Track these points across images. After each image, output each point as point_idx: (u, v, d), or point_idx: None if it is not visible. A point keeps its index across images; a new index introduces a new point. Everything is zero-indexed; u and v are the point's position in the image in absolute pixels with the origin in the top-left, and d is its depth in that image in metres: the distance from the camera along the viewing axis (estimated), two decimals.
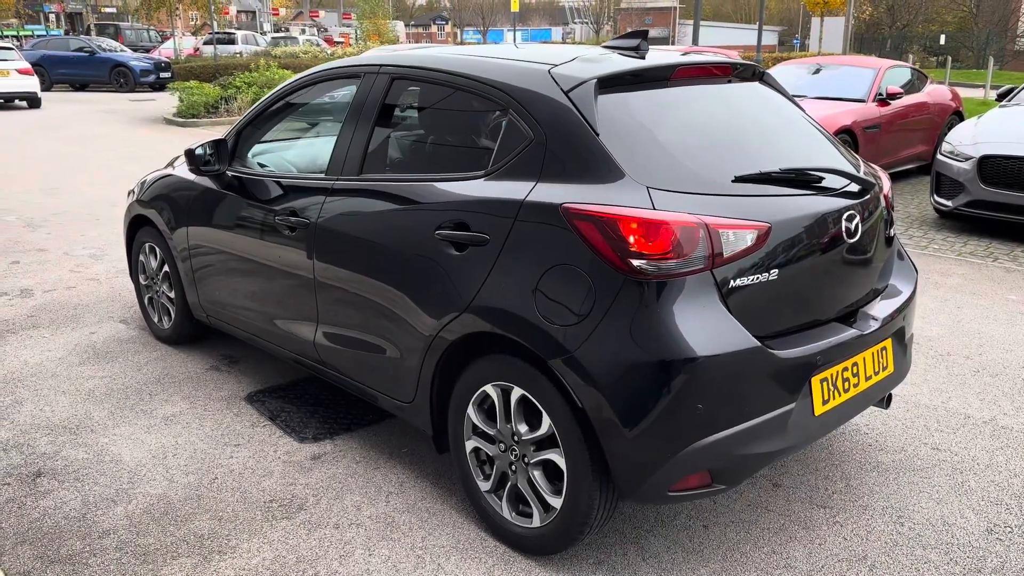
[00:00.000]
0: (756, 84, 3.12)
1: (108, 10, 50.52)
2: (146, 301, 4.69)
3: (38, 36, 32.41)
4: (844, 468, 3.27)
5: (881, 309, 2.84)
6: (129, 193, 4.65)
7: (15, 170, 10.52)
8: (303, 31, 42.40)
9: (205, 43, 31.55)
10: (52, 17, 50.75)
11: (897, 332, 2.90)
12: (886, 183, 3.04)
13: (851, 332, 2.64)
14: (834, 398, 2.61)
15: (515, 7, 28.25)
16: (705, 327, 2.32)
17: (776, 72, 9.97)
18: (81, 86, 25.55)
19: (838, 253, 2.65)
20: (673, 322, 2.31)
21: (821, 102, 8.73)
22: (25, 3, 42.60)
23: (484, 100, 2.82)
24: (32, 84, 18.98)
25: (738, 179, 2.52)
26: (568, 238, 2.42)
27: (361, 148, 3.17)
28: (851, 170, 2.84)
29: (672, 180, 2.44)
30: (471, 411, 2.78)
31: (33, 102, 19.26)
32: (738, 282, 2.38)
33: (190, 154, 3.70)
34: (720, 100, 2.93)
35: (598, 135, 2.49)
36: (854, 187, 2.76)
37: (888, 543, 2.79)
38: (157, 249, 4.43)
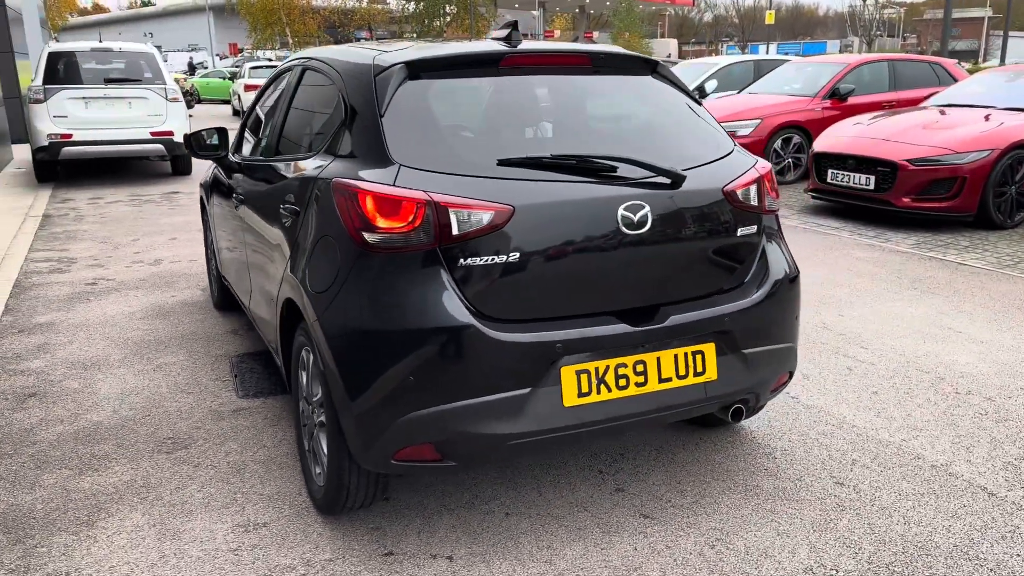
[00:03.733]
0: (638, 78, 3.00)
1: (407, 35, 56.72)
2: (210, 271, 5.41)
3: None
4: (712, 486, 3.02)
5: (690, 310, 2.62)
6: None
7: None
8: None
9: None
10: (362, 43, 57.80)
11: (723, 337, 2.66)
12: (742, 180, 2.76)
13: (619, 327, 2.49)
14: (599, 393, 2.48)
15: (770, 19, 27.22)
16: (423, 302, 2.36)
17: (968, 83, 8.86)
18: None
19: (617, 245, 2.51)
20: (392, 294, 2.38)
21: (1006, 114, 7.64)
22: (326, 31, 48.78)
23: (333, 85, 3.04)
24: None
25: (503, 163, 2.50)
26: (332, 211, 2.57)
27: (277, 131, 3.52)
28: (678, 164, 2.64)
29: (431, 161, 2.49)
30: (300, 373, 2.99)
31: None
32: (470, 261, 2.38)
33: (186, 138, 4.27)
34: (557, 90, 2.88)
35: (381, 116, 2.61)
36: (662, 180, 2.59)
37: (632, 564, 2.55)
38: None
